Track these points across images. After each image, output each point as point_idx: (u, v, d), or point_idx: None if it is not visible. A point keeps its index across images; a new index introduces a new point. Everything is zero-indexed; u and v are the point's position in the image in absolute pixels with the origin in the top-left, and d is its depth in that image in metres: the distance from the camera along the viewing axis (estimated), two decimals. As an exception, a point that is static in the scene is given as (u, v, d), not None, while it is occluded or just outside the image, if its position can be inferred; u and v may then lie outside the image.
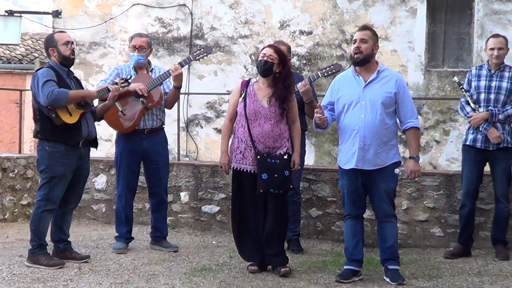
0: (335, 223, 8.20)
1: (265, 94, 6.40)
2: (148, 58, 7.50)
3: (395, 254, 6.22)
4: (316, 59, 11.45)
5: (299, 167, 6.68)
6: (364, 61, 6.12)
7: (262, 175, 6.25)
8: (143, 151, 7.35)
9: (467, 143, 7.25)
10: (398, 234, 7.67)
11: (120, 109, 7.20)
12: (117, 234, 7.51)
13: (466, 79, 7.40)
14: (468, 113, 7.23)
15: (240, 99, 6.43)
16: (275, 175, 6.25)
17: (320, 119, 6.06)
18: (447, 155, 10.90)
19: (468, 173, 7.27)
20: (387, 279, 6.15)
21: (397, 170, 6.09)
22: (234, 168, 6.45)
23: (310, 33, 11.54)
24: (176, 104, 7.85)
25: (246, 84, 6.48)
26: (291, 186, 6.42)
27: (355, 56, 6.11)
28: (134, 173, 7.47)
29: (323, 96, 6.54)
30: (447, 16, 11.30)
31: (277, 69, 6.37)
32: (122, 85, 6.87)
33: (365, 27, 6.28)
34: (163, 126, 7.52)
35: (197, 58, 7.44)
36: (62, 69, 6.69)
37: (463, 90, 7.31)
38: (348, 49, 11.30)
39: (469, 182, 7.24)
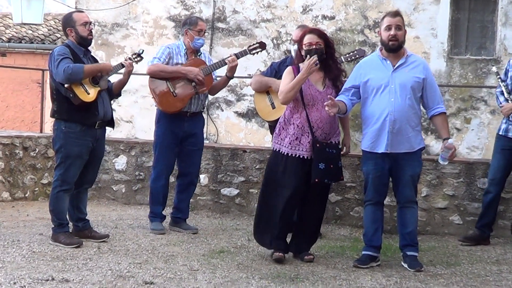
0: (354, 209, 8.21)
1: (317, 78, 6.33)
2: None
3: (414, 240, 6.22)
4: (338, 44, 11.39)
5: (349, 151, 6.72)
6: (399, 47, 6.11)
7: (319, 165, 6.14)
8: (184, 132, 7.39)
9: (500, 132, 7.23)
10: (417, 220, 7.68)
11: (172, 90, 7.24)
12: (151, 214, 7.52)
13: (504, 70, 7.37)
14: (501, 103, 7.20)
15: None
16: (331, 166, 6.19)
17: (331, 111, 6.01)
18: (467, 143, 10.85)
19: (496, 161, 7.25)
20: (405, 265, 6.15)
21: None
22: (287, 154, 6.27)
23: (332, 18, 11.49)
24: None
25: (297, 70, 6.29)
26: (341, 178, 6.42)
27: (391, 43, 6.07)
28: (174, 153, 7.50)
29: (345, 81, 6.52)
30: (471, 3, 11.22)
31: (325, 51, 6.32)
32: (136, 59, 6.95)
33: (397, 13, 6.22)
34: (203, 110, 7.59)
35: (252, 52, 7.52)
36: (79, 49, 6.71)
37: (499, 80, 7.27)
38: (370, 35, 11.26)
39: (496, 170, 7.23)
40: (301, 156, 6.24)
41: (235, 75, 11.29)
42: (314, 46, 6.23)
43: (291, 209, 6.32)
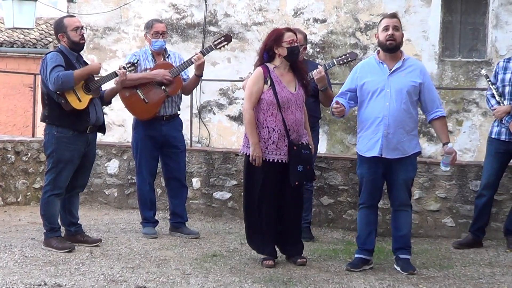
0: (346, 212, 8.21)
1: (288, 80, 6.26)
2: None
3: (408, 244, 6.22)
4: (330, 47, 11.41)
5: (313, 151, 6.69)
6: (396, 48, 6.10)
7: (298, 167, 6.12)
8: (163, 137, 7.38)
9: (492, 135, 7.24)
10: (409, 223, 7.68)
11: (142, 97, 7.24)
12: (142, 220, 7.53)
13: (493, 72, 7.39)
14: (492, 106, 7.21)
15: (267, 87, 6.18)
16: (308, 167, 6.19)
17: (338, 112, 6.06)
18: (460, 145, 10.87)
19: (488, 164, 7.26)
20: (398, 268, 6.15)
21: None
22: (266, 160, 6.18)
23: (324, 21, 11.51)
24: (189, 90, 7.89)
25: (267, 71, 6.23)
26: (315, 178, 6.47)
27: (388, 43, 6.05)
28: (155, 158, 7.51)
29: (337, 84, 6.54)
30: (462, 5, 11.25)
31: None
32: (129, 69, 6.95)
33: (395, 15, 6.22)
34: (179, 112, 7.56)
35: (218, 46, 7.47)
36: (72, 54, 6.69)
37: (489, 82, 7.28)
38: (361, 37, 11.27)
39: (489, 174, 7.23)
40: (279, 161, 6.20)
41: (228, 78, 11.34)
42: (297, 44, 6.24)
43: (272, 214, 6.27)
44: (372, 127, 6.08)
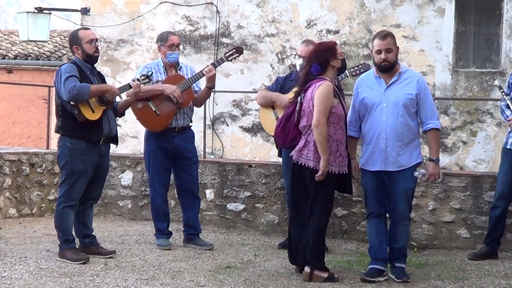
0: (360, 223, 8.18)
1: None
2: None
3: (404, 254, 6.28)
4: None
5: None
6: (391, 67, 6.18)
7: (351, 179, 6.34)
8: (174, 148, 7.40)
9: (507, 146, 7.20)
10: (424, 235, 7.69)
11: (154, 109, 7.26)
12: (156, 232, 7.55)
13: (507, 83, 7.37)
14: (508, 117, 7.17)
15: (336, 101, 6.18)
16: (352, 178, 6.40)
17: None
18: (474, 156, 10.82)
19: (503, 175, 7.22)
20: (392, 276, 6.19)
21: (416, 173, 6.09)
22: (333, 172, 6.11)
23: (337, 32, 11.50)
24: (202, 101, 7.90)
25: (333, 85, 6.23)
26: None
27: (383, 64, 6.15)
28: (167, 170, 7.52)
29: (350, 95, 6.58)
30: (476, 16, 11.21)
31: None
32: (144, 81, 6.98)
33: (386, 35, 6.22)
34: (191, 124, 7.57)
35: (229, 58, 7.49)
36: (86, 66, 6.73)
37: (503, 93, 7.26)
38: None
39: (504, 184, 7.20)
40: (342, 172, 6.19)
41: (242, 89, 11.33)
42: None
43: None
44: (372, 142, 6.20)
